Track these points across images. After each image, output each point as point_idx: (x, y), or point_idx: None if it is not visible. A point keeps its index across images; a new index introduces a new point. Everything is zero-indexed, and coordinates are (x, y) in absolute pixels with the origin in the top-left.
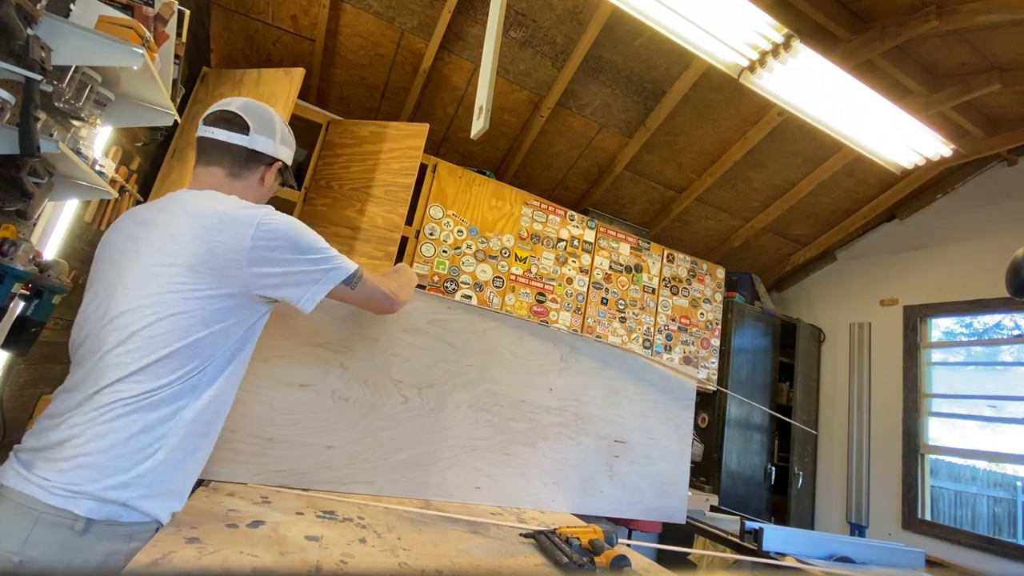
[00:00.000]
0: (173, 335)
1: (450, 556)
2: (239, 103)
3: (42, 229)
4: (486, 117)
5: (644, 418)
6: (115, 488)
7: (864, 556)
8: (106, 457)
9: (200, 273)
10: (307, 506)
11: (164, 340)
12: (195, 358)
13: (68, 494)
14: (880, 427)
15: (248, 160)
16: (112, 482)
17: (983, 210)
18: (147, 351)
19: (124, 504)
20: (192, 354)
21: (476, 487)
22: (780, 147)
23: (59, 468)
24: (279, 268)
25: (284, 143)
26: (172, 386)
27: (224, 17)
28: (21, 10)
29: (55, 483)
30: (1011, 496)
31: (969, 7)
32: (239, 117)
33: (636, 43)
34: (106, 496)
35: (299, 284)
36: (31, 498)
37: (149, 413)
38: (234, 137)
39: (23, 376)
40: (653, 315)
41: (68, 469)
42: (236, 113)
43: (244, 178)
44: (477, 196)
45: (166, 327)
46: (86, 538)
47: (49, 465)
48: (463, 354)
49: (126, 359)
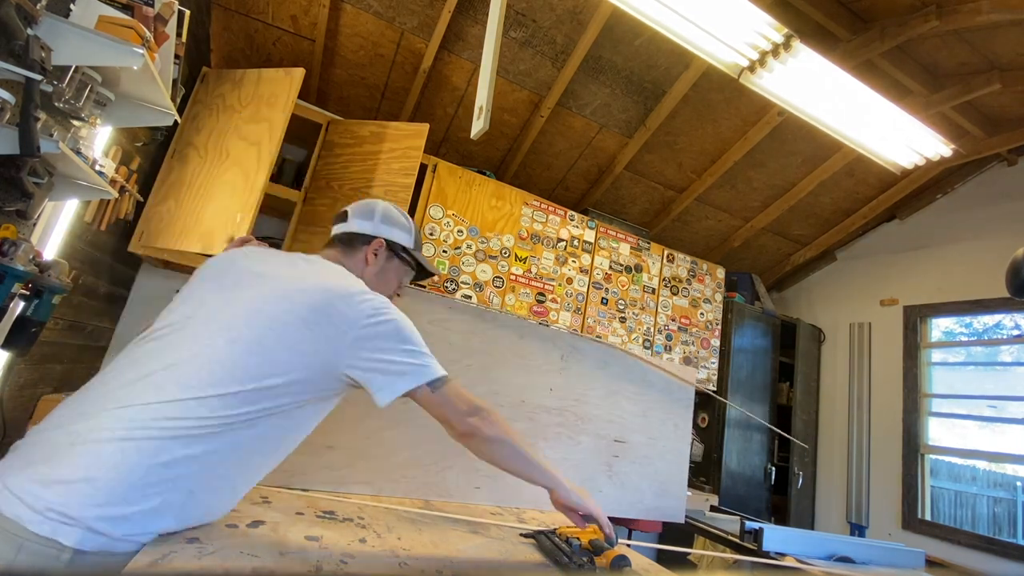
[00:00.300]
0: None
1: (450, 556)
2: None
3: (42, 229)
4: (486, 117)
5: (643, 418)
6: (112, 520)
7: (864, 556)
8: (114, 483)
9: (310, 329)
10: (307, 506)
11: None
12: (254, 404)
13: (57, 519)
14: (880, 427)
15: (351, 241)
16: (113, 512)
17: (983, 210)
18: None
19: (119, 539)
20: (253, 399)
21: (476, 487)
22: (780, 147)
23: (51, 486)
24: (376, 353)
25: (388, 223)
26: (217, 424)
27: (224, 17)
28: (21, 10)
29: (43, 503)
30: (1011, 496)
31: (969, 7)
32: (343, 210)
33: (636, 43)
34: (98, 528)
35: (387, 372)
36: (14, 523)
37: (180, 447)
38: (338, 227)
39: (23, 376)
40: (653, 315)
41: (61, 488)
42: (343, 209)
43: (350, 257)
44: (477, 196)
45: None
46: (72, 567)
47: (37, 482)
48: (463, 354)
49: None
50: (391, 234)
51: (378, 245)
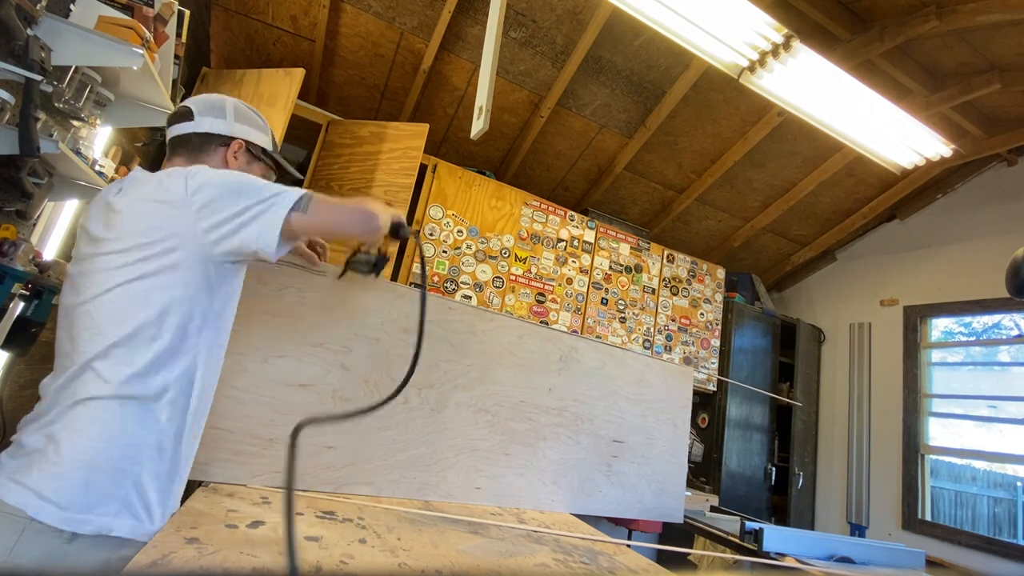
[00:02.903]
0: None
1: (450, 556)
2: (191, 98)
3: (42, 229)
4: (486, 117)
5: (642, 418)
6: None
7: (864, 556)
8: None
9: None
10: (307, 506)
11: None
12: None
13: (57, 509)
14: (880, 427)
15: (202, 144)
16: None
17: (983, 210)
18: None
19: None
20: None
21: (476, 487)
22: (780, 147)
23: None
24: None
25: (242, 121)
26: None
27: (224, 17)
28: (21, 10)
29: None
30: (1011, 496)
31: (969, 7)
32: (185, 107)
33: (636, 43)
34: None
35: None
36: (18, 509)
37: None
38: (181, 127)
39: (23, 376)
40: (653, 315)
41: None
42: (183, 105)
43: (203, 162)
44: (477, 196)
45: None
46: (75, 546)
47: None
48: (463, 354)
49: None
50: (248, 134)
51: (238, 147)
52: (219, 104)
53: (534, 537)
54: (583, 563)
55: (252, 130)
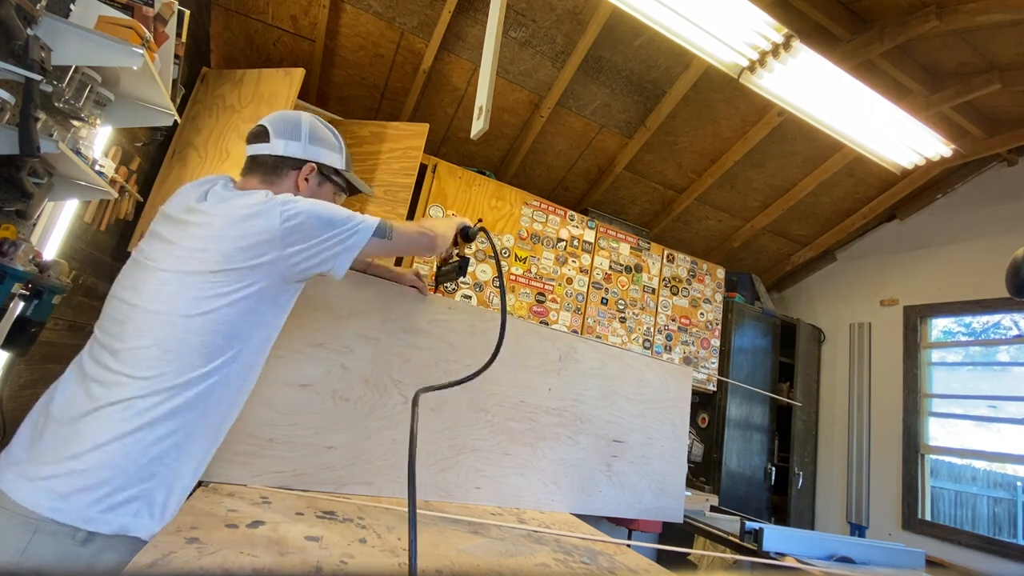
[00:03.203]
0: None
1: (450, 556)
2: (269, 116)
3: (42, 229)
4: (486, 117)
5: (642, 418)
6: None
7: (864, 556)
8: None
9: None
10: (307, 506)
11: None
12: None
13: (71, 506)
14: (880, 427)
15: (276, 166)
16: (125, 495)
17: (983, 210)
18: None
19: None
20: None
21: (476, 487)
22: (780, 147)
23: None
24: (312, 241)
25: (316, 143)
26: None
27: (224, 17)
28: (21, 10)
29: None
30: (1011, 496)
31: (969, 7)
32: (261, 127)
33: (636, 43)
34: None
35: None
36: (30, 510)
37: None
38: (258, 148)
39: (23, 376)
40: (653, 315)
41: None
42: (261, 125)
43: (277, 185)
44: (477, 196)
45: None
46: (89, 548)
47: (50, 467)
48: (463, 354)
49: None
50: (321, 156)
51: (309, 171)
52: (295, 124)
53: (534, 537)
54: (583, 563)
55: (324, 151)
